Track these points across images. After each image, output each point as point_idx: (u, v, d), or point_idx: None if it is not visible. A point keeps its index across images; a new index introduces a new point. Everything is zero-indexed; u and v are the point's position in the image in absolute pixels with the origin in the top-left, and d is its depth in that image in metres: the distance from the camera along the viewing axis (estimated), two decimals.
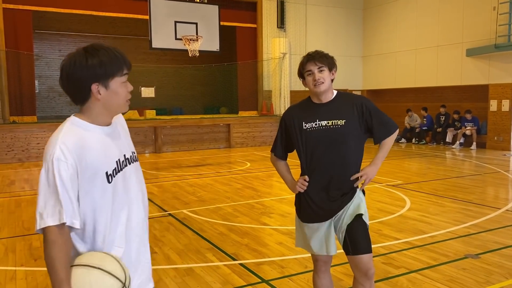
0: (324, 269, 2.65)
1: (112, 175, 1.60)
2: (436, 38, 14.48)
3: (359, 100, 2.54)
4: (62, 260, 1.46)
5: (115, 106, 1.66)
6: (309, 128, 2.46)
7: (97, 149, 1.58)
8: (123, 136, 1.75)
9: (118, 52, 1.65)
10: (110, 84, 1.61)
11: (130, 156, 1.72)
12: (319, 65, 2.44)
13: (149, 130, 13.06)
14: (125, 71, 1.65)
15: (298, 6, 15.92)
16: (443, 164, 10.31)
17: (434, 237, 4.67)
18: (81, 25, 17.51)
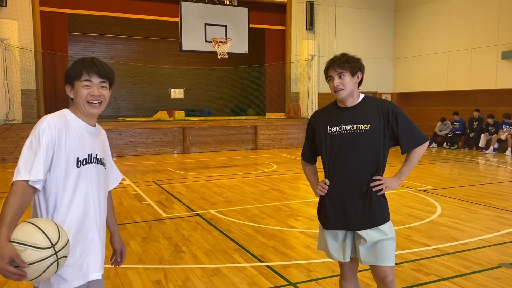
0: (350, 274, 2.60)
1: (81, 162, 1.88)
2: (470, 40, 14.12)
3: (385, 105, 2.45)
4: (14, 210, 1.69)
5: (79, 105, 1.94)
6: (334, 132, 2.43)
7: (76, 135, 1.88)
8: (101, 142, 2.04)
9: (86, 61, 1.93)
10: (75, 85, 1.93)
11: (100, 158, 1.99)
12: (338, 71, 2.40)
13: (178, 131, 13.23)
14: (84, 77, 1.91)
15: (328, 8, 15.83)
16: (475, 169, 10.03)
17: (466, 245, 4.55)
18: (114, 27, 17.93)
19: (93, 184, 1.93)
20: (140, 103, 18.95)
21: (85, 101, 1.91)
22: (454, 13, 14.66)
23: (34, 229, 1.67)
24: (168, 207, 6.35)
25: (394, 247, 2.45)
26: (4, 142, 11.08)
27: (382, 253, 2.39)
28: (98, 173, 1.97)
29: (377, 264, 2.40)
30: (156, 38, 18.77)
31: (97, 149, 1.97)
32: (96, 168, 1.95)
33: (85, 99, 1.91)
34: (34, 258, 1.63)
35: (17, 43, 11.76)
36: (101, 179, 2.00)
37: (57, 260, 1.68)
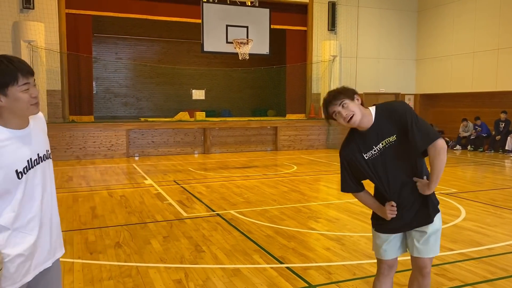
0: (387, 273, 2.66)
1: (22, 172, 1.80)
2: (497, 41, 13.79)
3: (396, 111, 2.43)
4: None
5: (20, 111, 1.79)
6: (370, 157, 2.47)
7: (7, 151, 1.76)
8: (39, 136, 1.93)
9: (13, 63, 1.75)
10: (8, 92, 1.74)
11: (43, 155, 1.92)
12: (338, 103, 2.40)
13: (199, 131, 13.33)
14: (21, 81, 1.76)
15: (350, 9, 15.70)
16: (501, 173, 9.78)
17: (491, 250, 4.44)
18: (136, 28, 18.17)
19: (40, 183, 1.89)
20: (162, 104, 19.15)
21: (28, 104, 1.79)
22: (480, 13, 14.34)
23: None
24: (189, 206, 6.40)
25: (439, 238, 2.58)
26: None
27: (429, 246, 2.52)
28: (44, 170, 1.92)
29: (423, 257, 2.54)
30: (178, 40, 18.95)
31: (36, 147, 1.89)
32: (40, 167, 1.89)
33: (28, 103, 1.78)
34: None
35: (43, 45, 12.05)
36: (49, 173, 1.96)
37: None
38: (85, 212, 6.07)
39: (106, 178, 8.98)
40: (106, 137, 12.19)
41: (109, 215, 5.89)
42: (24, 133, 1.85)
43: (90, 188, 7.92)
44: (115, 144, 12.28)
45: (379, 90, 16.37)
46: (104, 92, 18.44)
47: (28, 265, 1.87)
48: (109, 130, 12.26)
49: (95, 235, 4.98)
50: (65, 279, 3.72)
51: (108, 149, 12.20)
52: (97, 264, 4.05)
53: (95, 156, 12.04)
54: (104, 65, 18.04)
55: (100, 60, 17.60)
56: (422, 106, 17.02)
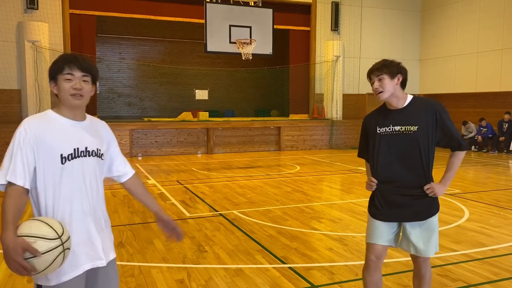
0: (375, 265, 2.70)
1: (66, 158, 1.90)
2: (501, 41, 13.73)
3: (433, 107, 2.56)
4: (12, 208, 1.78)
5: (62, 99, 1.97)
6: (383, 132, 2.57)
7: (57, 133, 1.91)
8: (92, 134, 2.04)
9: (66, 56, 1.99)
10: (57, 81, 1.96)
11: (92, 150, 2.00)
12: (377, 74, 2.55)
13: (202, 131, 13.34)
14: (66, 70, 1.94)
15: (353, 9, 15.67)
16: (505, 173, 9.74)
17: (495, 251, 4.42)
18: (140, 29, 18.22)
19: (83, 177, 1.95)
20: (165, 104, 19.19)
21: (68, 94, 1.94)
22: (484, 13, 14.29)
23: (40, 223, 1.77)
24: (192, 206, 6.41)
25: (438, 237, 2.64)
26: None
27: (427, 244, 2.59)
28: (90, 165, 1.99)
29: (420, 255, 2.63)
30: (182, 40, 18.98)
31: (86, 141, 1.98)
32: (85, 160, 1.97)
33: (67, 92, 1.94)
34: (44, 248, 1.70)
35: (47, 45, 12.09)
36: (94, 171, 2.01)
37: (63, 251, 1.76)
38: None
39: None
40: None
41: (112, 215, 5.91)
42: (76, 124, 1.99)
43: None
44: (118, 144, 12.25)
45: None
46: (108, 92, 18.48)
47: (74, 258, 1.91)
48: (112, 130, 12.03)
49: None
50: None
51: None
52: None
53: None
54: (107, 65, 18.09)
55: (104, 60, 17.65)
56: None
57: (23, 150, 1.84)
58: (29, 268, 1.71)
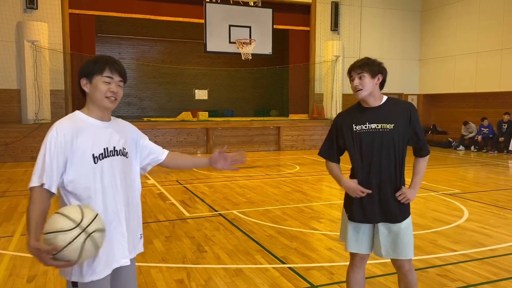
0: (359, 264, 2.75)
1: (98, 158, 1.94)
2: (500, 41, 13.74)
3: (407, 107, 2.61)
4: (35, 214, 1.82)
5: (96, 100, 1.99)
6: (359, 130, 2.57)
7: (88, 134, 1.94)
8: (119, 135, 2.07)
9: (108, 58, 2.02)
10: (93, 80, 1.98)
11: (119, 149, 2.04)
12: (358, 72, 2.55)
13: (201, 131, 13.33)
14: (106, 73, 1.97)
15: (353, 9, 15.67)
16: (504, 173, 9.74)
17: (494, 251, 4.42)
18: (140, 28, 18.21)
19: (113, 175, 2.00)
20: (165, 104, 19.18)
21: (103, 96, 1.98)
22: (483, 13, 14.30)
23: (57, 216, 1.78)
24: (191, 206, 6.40)
25: (412, 241, 2.62)
26: (33, 141, 11.38)
27: (400, 247, 2.57)
28: (118, 164, 2.03)
29: (396, 258, 2.61)
30: (181, 40, 18.97)
31: (114, 141, 2.03)
32: (115, 160, 2.01)
33: (104, 94, 1.97)
34: (66, 240, 1.73)
35: (47, 45, 12.08)
36: (122, 169, 2.05)
37: (89, 235, 1.76)
38: None
39: None
40: None
41: None
42: (104, 125, 2.03)
43: None
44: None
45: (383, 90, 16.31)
46: None
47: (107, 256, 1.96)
48: None
49: None
50: None
51: None
52: None
53: None
54: None
55: None
56: (425, 107, 16.98)
57: (54, 154, 1.87)
58: (62, 263, 1.76)
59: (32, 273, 3.84)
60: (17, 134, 11.26)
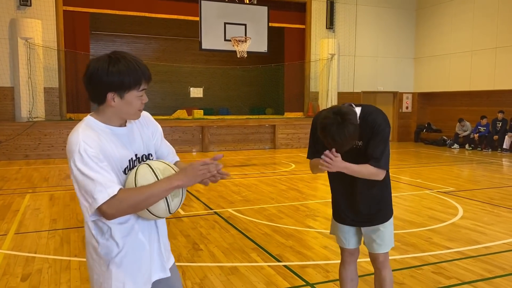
0: (349, 260, 2.77)
1: (124, 172, 1.72)
2: (495, 40, 13.80)
3: (374, 121, 2.41)
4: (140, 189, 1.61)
5: (126, 114, 1.74)
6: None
7: (113, 147, 1.69)
8: (138, 137, 1.82)
9: (140, 65, 1.70)
10: (126, 95, 1.68)
11: (142, 156, 1.80)
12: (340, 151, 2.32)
13: (197, 129, 13.30)
14: (142, 86, 1.71)
15: (348, 7, 15.68)
16: (499, 171, 9.80)
17: (489, 248, 4.44)
18: (134, 26, 18.11)
19: None
20: (160, 102, 19.11)
21: (136, 109, 1.73)
22: (478, 12, 14.35)
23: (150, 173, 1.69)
24: (187, 205, 6.39)
25: (391, 237, 2.67)
26: (27, 139, 11.32)
27: (377, 242, 2.63)
28: None
29: (373, 252, 2.67)
30: (176, 37, 18.90)
31: (136, 148, 1.79)
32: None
33: (137, 108, 1.73)
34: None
35: (40, 42, 12.00)
36: None
37: None
38: None
39: None
40: None
41: None
42: (124, 131, 1.77)
43: None
44: None
45: (377, 88, 16.37)
46: None
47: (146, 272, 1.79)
48: None
49: None
50: (62, 277, 3.71)
51: None
52: None
53: None
54: None
55: None
56: (420, 105, 17.03)
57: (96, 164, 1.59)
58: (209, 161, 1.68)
59: (26, 272, 3.82)
60: (11, 132, 11.18)
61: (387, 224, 2.64)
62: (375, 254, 2.66)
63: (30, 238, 4.83)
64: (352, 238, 2.70)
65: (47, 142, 11.54)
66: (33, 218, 5.65)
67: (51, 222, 5.48)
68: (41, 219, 5.60)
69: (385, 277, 2.68)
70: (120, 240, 1.71)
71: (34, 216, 5.74)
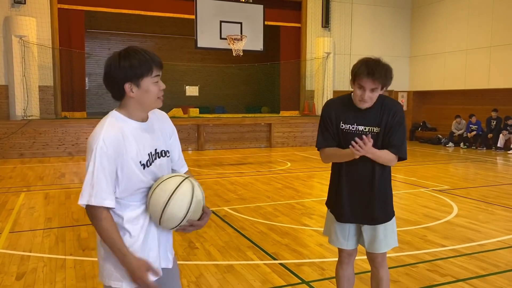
0: (347, 261, 2.75)
1: (145, 165, 1.83)
2: (490, 38, 13.86)
3: (394, 108, 2.48)
4: (116, 231, 1.76)
5: (147, 103, 1.83)
6: (346, 129, 2.50)
7: (133, 141, 1.80)
8: (157, 132, 1.94)
9: (149, 54, 1.80)
10: (141, 83, 1.78)
11: (160, 151, 1.92)
12: (374, 86, 2.35)
13: (192, 128, 13.28)
14: (155, 72, 1.80)
15: (344, 5, 15.70)
16: (493, 170, 9.85)
17: (483, 246, 4.47)
18: (130, 24, 18.07)
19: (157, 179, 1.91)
20: None
21: (156, 97, 1.83)
22: (473, 11, 14.41)
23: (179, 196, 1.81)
24: None
25: (395, 235, 2.67)
26: (22, 138, 11.26)
27: (378, 242, 2.59)
28: (163, 165, 1.93)
29: (374, 252, 2.62)
30: (172, 35, 18.86)
31: (155, 143, 1.90)
32: (158, 162, 1.90)
33: (156, 95, 1.83)
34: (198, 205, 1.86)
35: (35, 40, 11.94)
36: (166, 169, 1.96)
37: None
38: (77, 209, 6.03)
39: None
40: None
41: None
42: (145, 126, 1.88)
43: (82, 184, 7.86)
44: None
45: None
46: (97, 88, 18.32)
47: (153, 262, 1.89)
48: None
49: (87, 232, 4.95)
50: (57, 276, 3.70)
51: None
52: (89, 261, 4.03)
53: None
54: (96, 61, 17.91)
55: (93, 56, 17.48)
56: (415, 103, 17.09)
57: (106, 167, 1.73)
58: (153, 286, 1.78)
59: (21, 271, 3.81)
60: (5, 130, 11.12)
61: (391, 223, 2.63)
62: (374, 254, 2.63)
63: (25, 236, 4.81)
64: (352, 238, 2.66)
65: (42, 141, 11.49)
66: (28, 217, 5.62)
67: (46, 220, 5.46)
68: (36, 218, 5.58)
69: (382, 276, 2.66)
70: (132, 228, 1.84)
71: (29, 215, 5.72)
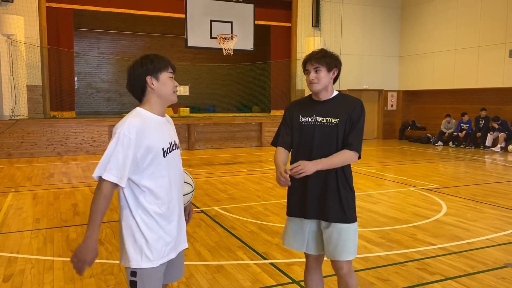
0: (314, 266, 2.68)
1: (166, 152, 2.09)
2: (478, 38, 14.00)
3: (354, 104, 2.50)
4: (103, 210, 1.96)
5: (165, 95, 2.13)
6: (305, 122, 2.54)
7: (155, 131, 2.06)
8: (173, 129, 2.28)
9: (164, 57, 2.18)
10: (160, 76, 2.10)
11: (177, 143, 2.24)
12: (315, 65, 2.48)
13: (183, 127, 13.23)
14: (170, 69, 2.14)
15: (334, 5, 15.74)
16: (481, 168, 9.96)
17: (471, 244, 4.51)
18: (119, 23, 17.94)
19: (176, 167, 2.18)
20: None
21: (172, 90, 2.14)
22: (461, 11, 14.54)
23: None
24: None
25: (355, 243, 2.52)
26: (9, 137, 11.13)
27: (339, 248, 2.46)
28: (178, 156, 2.23)
29: (334, 259, 2.51)
30: (162, 34, 18.77)
31: (173, 135, 2.21)
32: (175, 152, 2.19)
33: (172, 89, 2.14)
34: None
35: (23, 39, 11.80)
36: (179, 160, 2.26)
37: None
38: (66, 209, 5.98)
39: (88, 174, 8.85)
40: (88, 133, 12.02)
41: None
42: (163, 120, 2.18)
43: (71, 185, 7.80)
44: (97, 140, 12.12)
45: (363, 86, 16.49)
46: (86, 88, 18.17)
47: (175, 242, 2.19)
48: (91, 126, 12.09)
49: (76, 233, 4.90)
50: (45, 278, 3.66)
51: (90, 145, 12.03)
52: None
53: (77, 153, 11.86)
54: (86, 60, 17.77)
55: (82, 55, 17.33)
56: (405, 103, 17.21)
57: (126, 149, 1.94)
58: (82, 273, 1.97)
59: (8, 272, 3.76)
60: None
61: (351, 227, 2.49)
62: (339, 263, 2.50)
63: (13, 238, 4.75)
64: (312, 242, 2.55)
65: (30, 141, 11.36)
66: (16, 218, 5.55)
67: (34, 221, 5.40)
68: (24, 219, 5.51)
69: (351, 285, 2.54)
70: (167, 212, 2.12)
71: (17, 216, 5.65)
